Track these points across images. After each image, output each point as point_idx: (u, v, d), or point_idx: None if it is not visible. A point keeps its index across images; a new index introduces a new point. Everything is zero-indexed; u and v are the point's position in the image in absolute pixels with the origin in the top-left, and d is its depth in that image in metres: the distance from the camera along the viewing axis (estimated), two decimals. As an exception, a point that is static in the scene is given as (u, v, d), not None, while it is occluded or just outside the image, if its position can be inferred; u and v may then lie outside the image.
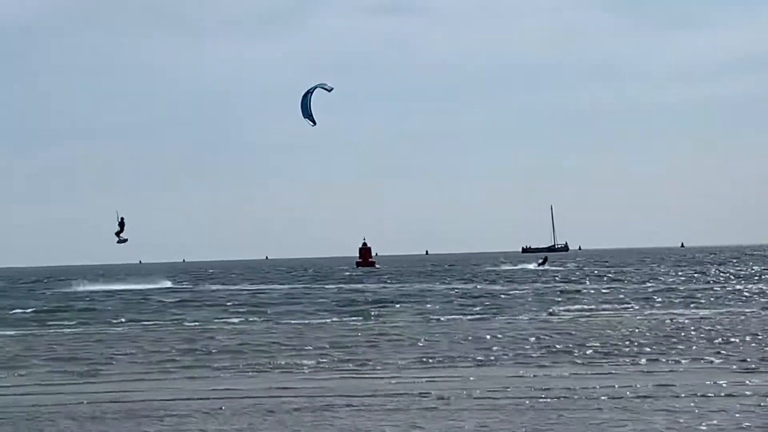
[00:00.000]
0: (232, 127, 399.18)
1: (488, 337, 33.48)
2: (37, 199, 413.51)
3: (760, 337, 31.21)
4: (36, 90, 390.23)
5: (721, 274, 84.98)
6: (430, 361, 27.18)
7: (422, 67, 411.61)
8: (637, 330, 34.56)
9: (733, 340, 30.52)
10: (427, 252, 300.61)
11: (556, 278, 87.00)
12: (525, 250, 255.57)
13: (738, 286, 62.78)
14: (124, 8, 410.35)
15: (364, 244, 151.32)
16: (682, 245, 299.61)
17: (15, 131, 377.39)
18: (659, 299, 52.00)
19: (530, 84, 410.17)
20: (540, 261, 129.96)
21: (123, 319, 45.69)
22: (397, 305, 52.66)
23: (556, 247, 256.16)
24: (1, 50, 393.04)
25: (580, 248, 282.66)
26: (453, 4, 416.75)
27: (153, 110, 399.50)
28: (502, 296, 58.76)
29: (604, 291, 62.19)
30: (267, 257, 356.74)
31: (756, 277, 75.83)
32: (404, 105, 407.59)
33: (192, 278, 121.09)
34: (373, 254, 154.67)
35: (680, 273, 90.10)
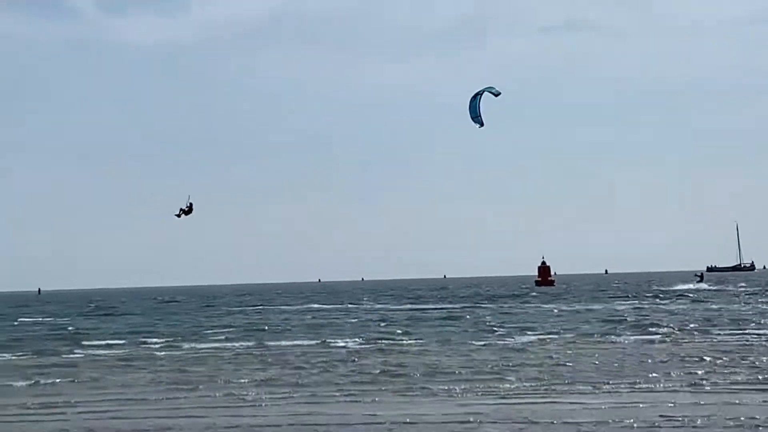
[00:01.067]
0: (409, 147, 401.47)
1: (649, 359, 32.02)
2: (211, 217, 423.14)
3: None
4: (210, 109, 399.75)
5: None
6: (629, 384, 25.85)
7: (597, 85, 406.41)
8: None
9: None
10: (606, 271, 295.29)
11: (720, 297, 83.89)
12: (710, 270, 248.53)
13: None
14: (300, 29, 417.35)
15: (543, 262, 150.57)
16: None
17: (194, 150, 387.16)
18: None
19: (709, 101, 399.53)
20: (697, 279, 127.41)
21: (307, 340, 45.28)
22: (566, 325, 51.29)
23: (742, 266, 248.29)
24: (180, 69, 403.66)
25: (765, 267, 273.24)
26: (629, 21, 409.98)
27: (328, 128, 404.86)
28: (667, 315, 56.62)
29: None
30: (445, 276, 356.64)
31: None
32: (581, 122, 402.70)
33: (367, 297, 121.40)
34: (552, 273, 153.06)
35: None
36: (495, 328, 50.46)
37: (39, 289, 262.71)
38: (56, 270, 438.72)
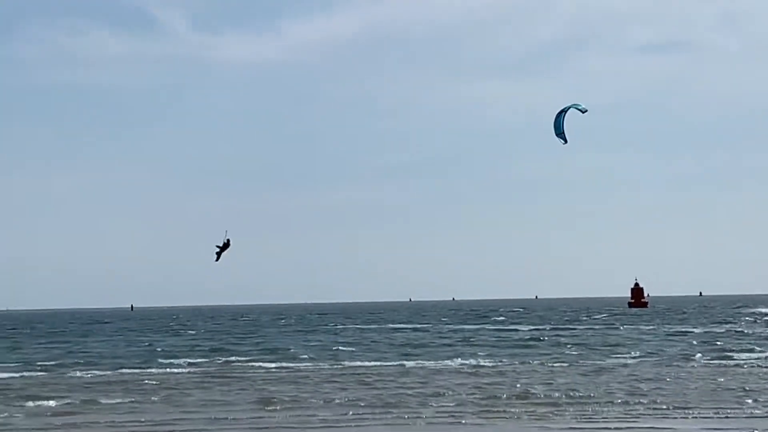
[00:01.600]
0: (506, 165, 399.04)
1: (742, 383, 30.91)
2: (305, 238, 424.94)
3: None
4: (312, 132, 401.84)
5: None
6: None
7: (693, 106, 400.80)
8: None
9: None
10: (701, 293, 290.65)
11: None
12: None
13: None
14: (399, 51, 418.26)
15: (636, 284, 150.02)
16: None
17: (290, 172, 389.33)
18: None
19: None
20: None
21: (388, 361, 44.77)
22: (656, 347, 50.31)
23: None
24: (280, 93, 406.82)
25: None
26: (724, 41, 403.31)
27: (428, 150, 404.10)
28: (759, 339, 55.41)
29: None
30: (537, 297, 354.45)
31: None
32: (675, 144, 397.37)
33: (451, 317, 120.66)
34: (646, 295, 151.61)
35: None
36: (581, 350, 49.54)
37: (132, 306, 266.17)
38: (149, 287, 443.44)
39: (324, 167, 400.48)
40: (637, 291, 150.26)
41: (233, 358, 46.93)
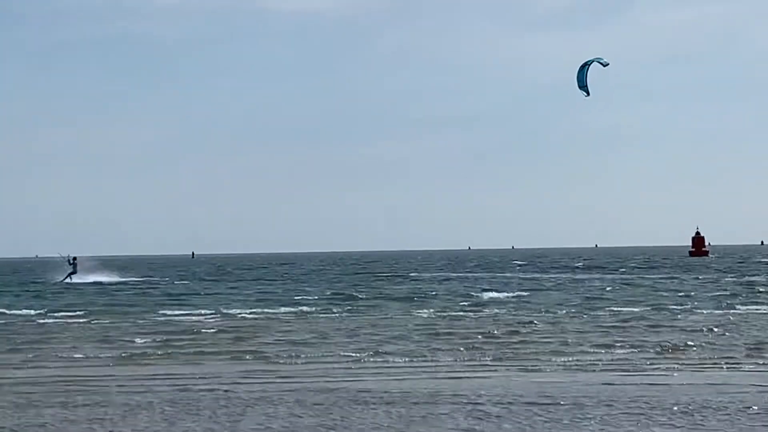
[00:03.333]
0: (558, 118, 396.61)
1: None
2: (365, 188, 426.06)
3: None
4: (363, 83, 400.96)
5: None
6: None
7: (750, 57, 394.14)
8: None
9: None
10: (762, 242, 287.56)
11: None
12: None
13: None
14: (450, 4, 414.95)
15: (697, 233, 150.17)
16: None
17: (328, 125, 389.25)
18: None
19: None
20: None
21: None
22: (699, 295, 50.70)
23: None
24: (322, 41, 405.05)
25: None
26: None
27: (476, 104, 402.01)
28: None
29: None
30: (596, 245, 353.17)
31: None
32: (733, 96, 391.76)
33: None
34: (707, 244, 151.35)
35: None
36: (625, 298, 49.30)
37: (192, 253, 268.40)
38: (209, 236, 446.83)
39: (379, 119, 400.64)
40: (698, 240, 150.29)
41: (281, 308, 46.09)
